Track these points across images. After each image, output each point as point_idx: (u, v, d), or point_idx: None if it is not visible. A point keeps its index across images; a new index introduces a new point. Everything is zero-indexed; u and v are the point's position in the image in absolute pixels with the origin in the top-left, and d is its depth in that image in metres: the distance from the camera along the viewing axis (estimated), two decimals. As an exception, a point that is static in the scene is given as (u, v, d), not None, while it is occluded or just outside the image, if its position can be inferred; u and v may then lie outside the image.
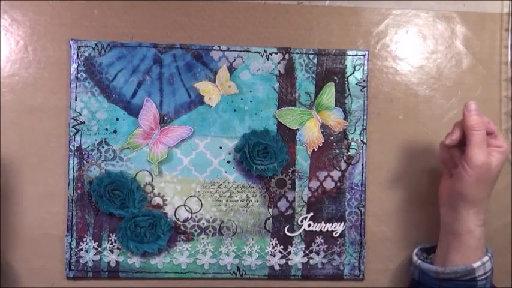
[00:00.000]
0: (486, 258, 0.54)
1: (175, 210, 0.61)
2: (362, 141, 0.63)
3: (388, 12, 0.64)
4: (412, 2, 0.64)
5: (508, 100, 0.65)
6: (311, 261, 0.62)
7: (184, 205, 0.61)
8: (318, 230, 0.62)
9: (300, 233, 0.62)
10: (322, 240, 0.62)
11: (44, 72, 0.60)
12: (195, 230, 0.61)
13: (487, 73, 0.65)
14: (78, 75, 0.60)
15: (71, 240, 0.60)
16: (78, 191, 0.60)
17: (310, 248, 0.62)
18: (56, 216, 0.60)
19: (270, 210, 0.62)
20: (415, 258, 0.59)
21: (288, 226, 0.62)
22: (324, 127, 0.62)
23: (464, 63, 0.65)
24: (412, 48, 0.64)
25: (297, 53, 0.62)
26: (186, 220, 0.61)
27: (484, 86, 0.64)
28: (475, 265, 0.53)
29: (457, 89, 0.64)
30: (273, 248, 0.62)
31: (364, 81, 0.62)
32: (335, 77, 0.62)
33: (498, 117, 0.64)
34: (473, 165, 0.52)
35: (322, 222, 0.62)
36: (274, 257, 0.62)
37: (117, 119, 0.60)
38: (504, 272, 0.65)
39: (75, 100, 0.60)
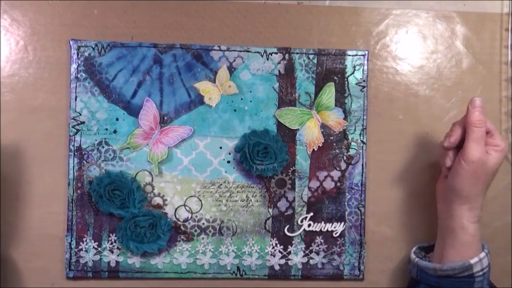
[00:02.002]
0: (483, 254, 0.54)
1: (175, 210, 0.61)
2: (362, 141, 0.63)
3: (388, 12, 0.64)
4: (412, 2, 0.64)
5: (508, 100, 0.64)
6: (311, 261, 0.62)
7: (184, 205, 0.61)
8: (318, 230, 0.62)
9: (300, 233, 0.62)
10: (322, 240, 0.62)
11: (44, 72, 0.60)
12: (195, 230, 0.61)
13: (487, 73, 0.65)
14: (78, 75, 0.60)
15: (71, 240, 0.60)
16: (78, 191, 0.60)
17: (310, 248, 0.62)
18: (56, 216, 0.60)
19: (270, 210, 0.62)
20: (413, 256, 0.59)
21: (288, 226, 0.62)
22: (324, 127, 0.62)
23: (464, 63, 0.64)
24: (412, 48, 0.64)
25: (297, 53, 0.62)
26: (186, 220, 0.61)
27: (484, 86, 0.64)
28: (472, 261, 0.53)
29: (457, 89, 0.64)
30: (273, 248, 0.62)
31: (364, 81, 0.62)
32: (335, 77, 0.62)
33: (498, 117, 0.64)
34: (469, 161, 0.53)
35: (322, 222, 0.62)
36: (274, 257, 0.62)
37: (117, 119, 0.60)
38: (504, 272, 0.65)
39: (75, 100, 0.60)
